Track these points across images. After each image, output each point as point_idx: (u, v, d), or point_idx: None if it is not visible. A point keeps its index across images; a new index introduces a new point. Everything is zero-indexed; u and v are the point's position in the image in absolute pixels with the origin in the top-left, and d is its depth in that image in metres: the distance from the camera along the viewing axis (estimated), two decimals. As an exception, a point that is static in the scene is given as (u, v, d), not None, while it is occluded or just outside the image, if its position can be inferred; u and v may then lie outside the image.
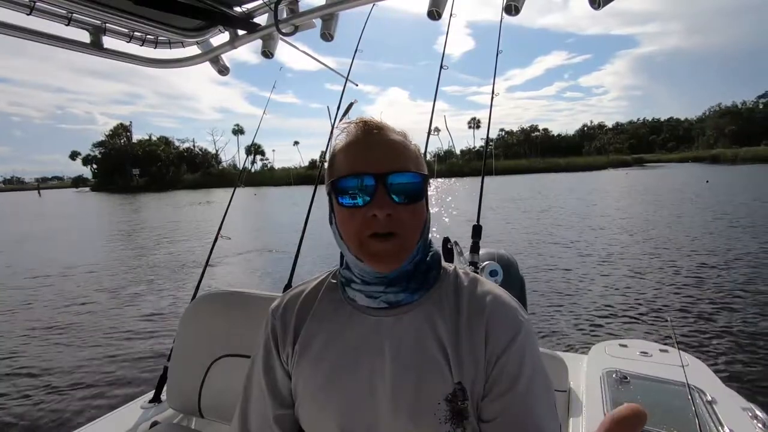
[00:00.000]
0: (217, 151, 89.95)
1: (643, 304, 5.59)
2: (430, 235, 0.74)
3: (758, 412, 1.31)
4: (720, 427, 1.16)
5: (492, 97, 2.15)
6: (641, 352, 1.69)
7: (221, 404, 1.35)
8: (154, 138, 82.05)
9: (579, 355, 1.84)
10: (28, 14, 1.23)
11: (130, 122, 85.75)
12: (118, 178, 70.21)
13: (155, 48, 1.62)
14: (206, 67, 1.75)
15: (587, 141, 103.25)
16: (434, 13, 1.32)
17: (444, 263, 0.75)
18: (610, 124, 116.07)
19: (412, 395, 0.63)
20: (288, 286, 2.09)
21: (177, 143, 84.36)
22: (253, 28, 1.55)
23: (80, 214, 28.02)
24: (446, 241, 1.64)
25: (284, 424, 0.72)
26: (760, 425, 1.22)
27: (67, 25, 1.35)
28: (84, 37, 1.45)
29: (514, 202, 20.56)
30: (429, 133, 2.16)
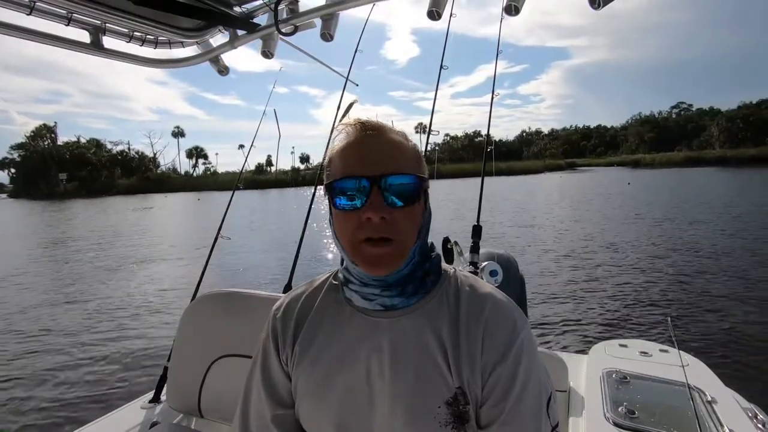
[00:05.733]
0: (155, 154, 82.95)
1: (643, 304, 5.59)
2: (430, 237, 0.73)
3: (758, 412, 1.31)
4: (720, 427, 1.16)
5: (492, 98, 2.15)
6: (641, 352, 1.69)
7: (221, 404, 1.35)
8: (83, 140, 74.62)
9: (579, 355, 1.83)
10: (28, 14, 1.23)
11: (55, 123, 76.60)
12: (42, 183, 62.62)
13: (155, 48, 1.62)
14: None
15: (526, 146, 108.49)
16: (434, 14, 1.32)
17: (445, 265, 0.75)
18: (546, 130, 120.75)
19: (411, 397, 0.63)
20: (288, 286, 2.09)
21: (109, 146, 77.93)
22: (253, 28, 1.55)
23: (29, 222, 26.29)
24: (446, 241, 1.63)
25: (283, 425, 0.72)
26: (760, 425, 1.22)
27: (67, 25, 1.35)
28: (84, 37, 1.45)
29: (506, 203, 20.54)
30: (429, 133, 2.16)
